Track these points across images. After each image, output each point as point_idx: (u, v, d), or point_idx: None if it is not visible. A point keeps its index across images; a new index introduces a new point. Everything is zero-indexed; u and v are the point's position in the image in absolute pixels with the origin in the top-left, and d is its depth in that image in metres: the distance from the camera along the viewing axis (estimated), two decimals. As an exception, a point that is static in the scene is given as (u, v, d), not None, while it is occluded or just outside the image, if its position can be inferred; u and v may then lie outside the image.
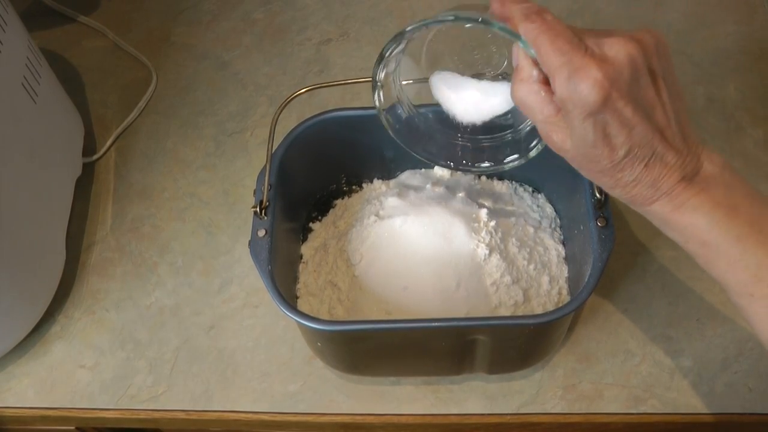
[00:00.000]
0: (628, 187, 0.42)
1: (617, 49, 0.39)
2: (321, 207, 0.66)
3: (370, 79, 0.55)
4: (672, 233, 0.43)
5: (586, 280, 0.50)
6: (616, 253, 0.60)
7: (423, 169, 0.65)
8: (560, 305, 0.54)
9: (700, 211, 0.41)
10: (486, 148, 0.52)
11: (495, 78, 0.47)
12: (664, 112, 0.40)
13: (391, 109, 0.52)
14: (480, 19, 0.42)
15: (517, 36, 0.41)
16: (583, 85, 0.38)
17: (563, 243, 0.61)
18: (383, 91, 0.50)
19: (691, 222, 0.41)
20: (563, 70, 0.39)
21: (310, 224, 0.65)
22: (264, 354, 0.63)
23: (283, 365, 0.62)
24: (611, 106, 0.38)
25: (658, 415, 0.58)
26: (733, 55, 0.77)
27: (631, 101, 0.39)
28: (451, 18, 0.44)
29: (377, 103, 0.50)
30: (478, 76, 0.48)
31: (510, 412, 0.59)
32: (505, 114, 0.49)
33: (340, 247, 0.61)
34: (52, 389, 0.63)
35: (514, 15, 0.41)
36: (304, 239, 0.64)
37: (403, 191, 0.62)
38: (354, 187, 0.66)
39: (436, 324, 0.49)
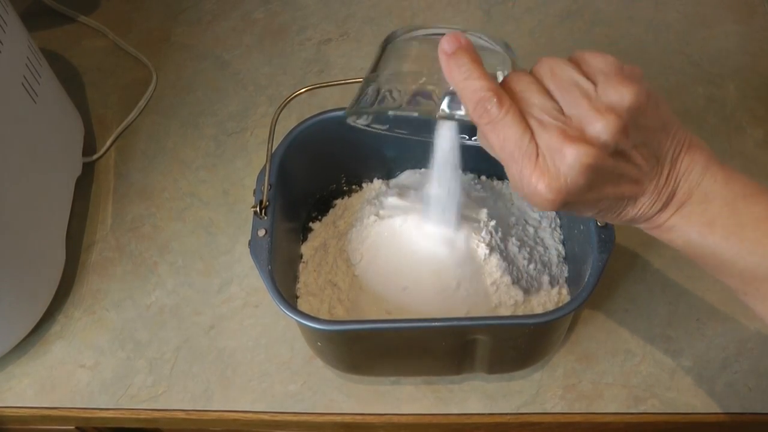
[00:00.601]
0: (604, 220, 0.42)
1: (571, 164, 0.35)
2: (321, 207, 0.66)
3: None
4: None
5: (586, 280, 0.50)
6: (616, 253, 0.60)
7: (423, 169, 0.65)
8: (560, 305, 0.54)
9: (674, 232, 0.41)
10: None
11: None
12: (638, 170, 0.38)
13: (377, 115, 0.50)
14: (436, 115, 0.41)
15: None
16: (533, 199, 0.37)
17: (563, 243, 0.61)
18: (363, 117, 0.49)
19: (669, 239, 0.42)
20: (514, 177, 0.37)
21: (310, 224, 0.65)
22: (264, 354, 0.63)
23: (283, 365, 0.62)
24: (567, 206, 0.38)
25: (658, 415, 0.58)
26: (733, 55, 0.77)
27: (591, 193, 0.37)
28: (414, 114, 0.41)
29: (362, 126, 0.49)
30: None
31: (510, 412, 0.59)
32: None
33: (340, 247, 0.61)
34: (52, 389, 0.63)
35: (461, 97, 0.38)
36: (304, 239, 0.64)
37: (403, 191, 0.62)
38: (354, 187, 0.66)
39: (436, 324, 0.49)
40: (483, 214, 0.58)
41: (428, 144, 0.62)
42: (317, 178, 0.65)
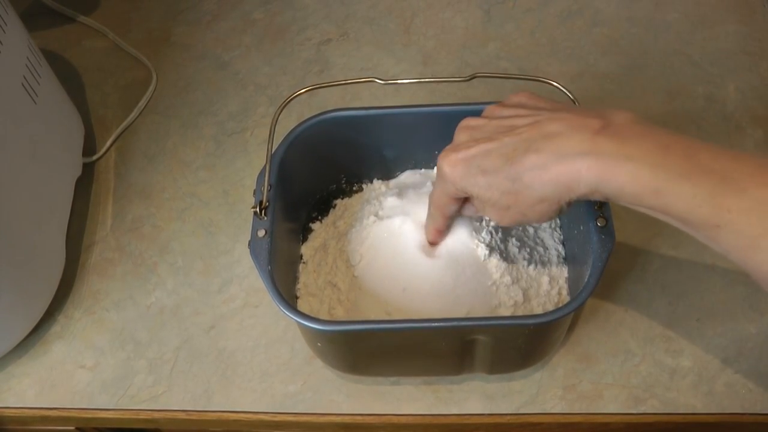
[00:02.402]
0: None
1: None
2: (321, 207, 0.66)
3: (371, 79, 0.55)
4: (626, 198, 0.42)
5: (586, 280, 0.50)
6: (616, 253, 0.60)
7: (423, 170, 0.65)
8: (560, 305, 0.53)
9: (633, 162, 0.41)
10: None
11: None
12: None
13: None
14: None
15: None
16: None
17: (563, 243, 0.61)
18: None
19: (633, 175, 0.41)
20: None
21: (310, 224, 0.65)
22: (264, 354, 0.63)
23: (283, 365, 0.62)
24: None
25: (658, 415, 0.58)
26: (733, 55, 0.77)
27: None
28: None
29: None
30: None
31: (510, 412, 0.59)
32: None
33: (339, 248, 0.61)
34: (52, 389, 0.63)
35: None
36: (304, 239, 0.64)
37: (402, 191, 0.62)
38: (354, 187, 0.66)
39: (436, 324, 0.49)
40: (483, 214, 0.58)
41: (428, 144, 0.62)
42: (317, 179, 0.65)
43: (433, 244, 0.56)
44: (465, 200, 0.52)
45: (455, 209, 0.52)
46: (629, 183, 0.41)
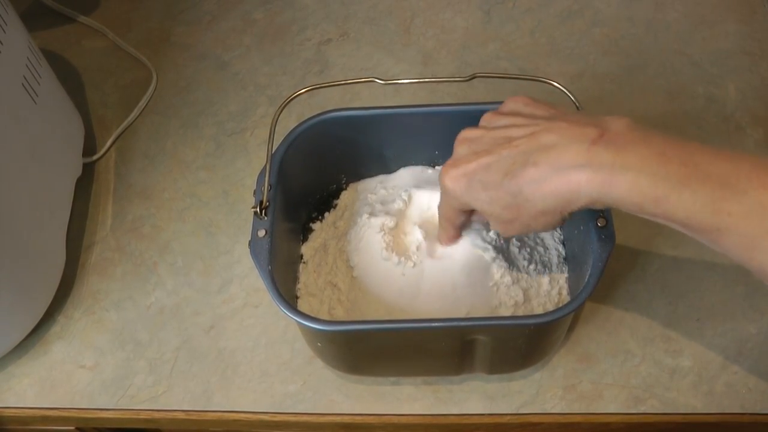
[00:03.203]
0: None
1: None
2: (321, 207, 0.66)
3: (371, 79, 0.55)
4: (627, 207, 0.43)
5: (586, 280, 0.50)
6: (616, 253, 0.60)
7: (419, 167, 0.65)
8: (560, 305, 0.53)
9: (632, 172, 0.41)
10: None
11: None
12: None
13: None
14: None
15: None
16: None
17: (563, 243, 0.61)
18: None
19: (632, 185, 0.41)
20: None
21: (310, 224, 0.65)
22: (264, 354, 0.63)
23: (283, 365, 0.62)
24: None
25: (658, 415, 0.58)
26: (733, 55, 0.77)
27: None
28: None
29: None
30: None
31: (510, 412, 0.59)
32: None
33: (339, 248, 0.61)
34: (52, 389, 0.63)
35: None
36: (304, 239, 0.64)
37: (393, 190, 0.62)
38: (354, 187, 0.66)
39: (436, 324, 0.49)
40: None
41: (428, 144, 0.62)
42: (317, 178, 0.65)
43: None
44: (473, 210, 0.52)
45: (465, 219, 0.53)
46: (629, 193, 0.41)
